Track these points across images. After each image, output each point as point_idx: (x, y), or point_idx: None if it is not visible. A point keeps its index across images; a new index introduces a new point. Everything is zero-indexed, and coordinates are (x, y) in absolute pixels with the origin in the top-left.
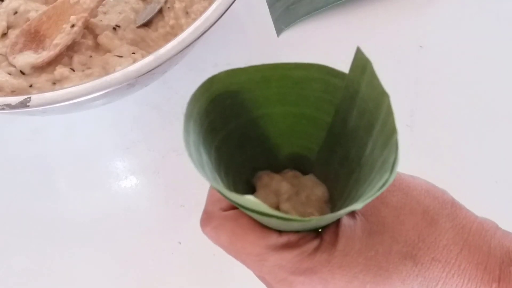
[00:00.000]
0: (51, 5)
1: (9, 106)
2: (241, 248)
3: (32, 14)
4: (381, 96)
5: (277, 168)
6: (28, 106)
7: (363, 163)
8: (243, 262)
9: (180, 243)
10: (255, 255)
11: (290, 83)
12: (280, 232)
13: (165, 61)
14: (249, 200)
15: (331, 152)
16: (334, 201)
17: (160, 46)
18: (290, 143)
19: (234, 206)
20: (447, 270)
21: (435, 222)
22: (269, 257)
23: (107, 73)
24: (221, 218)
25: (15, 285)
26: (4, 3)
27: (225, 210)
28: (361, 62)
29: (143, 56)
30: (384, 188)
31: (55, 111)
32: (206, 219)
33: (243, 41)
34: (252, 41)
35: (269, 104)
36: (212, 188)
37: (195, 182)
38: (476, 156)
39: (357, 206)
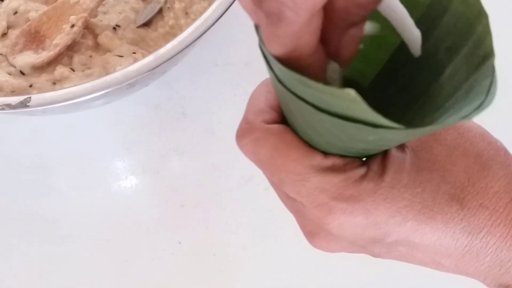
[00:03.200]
0: (51, 6)
1: (9, 106)
2: (282, 165)
3: (32, 14)
4: (478, 16)
5: None
6: (28, 106)
7: (434, 90)
8: (280, 181)
9: (180, 243)
10: (296, 174)
11: None
12: (325, 154)
13: (165, 61)
14: (349, 94)
15: (391, 78)
16: None
17: (160, 46)
18: None
19: (277, 120)
20: (494, 218)
21: (488, 167)
22: (311, 178)
23: (107, 73)
24: (263, 131)
25: (15, 285)
26: (4, 3)
27: (268, 123)
28: None
29: (143, 56)
30: (480, 111)
31: (55, 111)
32: (246, 130)
33: (243, 41)
34: (252, 41)
35: None
36: (253, 97)
37: (195, 182)
38: None
39: (460, 118)
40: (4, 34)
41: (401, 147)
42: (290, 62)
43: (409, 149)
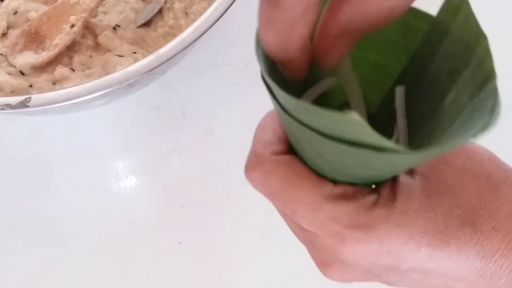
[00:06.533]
0: (52, 6)
1: (9, 106)
2: (294, 195)
3: (32, 14)
4: (477, 38)
5: None
6: (28, 106)
7: (438, 114)
8: (293, 211)
9: (180, 243)
10: (309, 204)
11: None
12: (334, 183)
13: (165, 61)
14: (353, 118)
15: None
16: None
17: (160, 46)
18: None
19: (286, 151)
20: (507, 241)
21: (499, 189)
22: (323, 207)
23: (107, 73)
24: (273, 162)
25: (15, 285)
26: (4, 3)
27: (276, 155)
28: (455, 2)
29: (143, 56)
30: (485, 131)
31: (55, 111)
32: (256, 162)
33: (243, 41)
34: (252, 41)
35: None
36: (259, 130)
37: (195, 182)
38: None
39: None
40: (4, 34)
41: (410, 173)
42: (278, 54)
43: (419, 174)
